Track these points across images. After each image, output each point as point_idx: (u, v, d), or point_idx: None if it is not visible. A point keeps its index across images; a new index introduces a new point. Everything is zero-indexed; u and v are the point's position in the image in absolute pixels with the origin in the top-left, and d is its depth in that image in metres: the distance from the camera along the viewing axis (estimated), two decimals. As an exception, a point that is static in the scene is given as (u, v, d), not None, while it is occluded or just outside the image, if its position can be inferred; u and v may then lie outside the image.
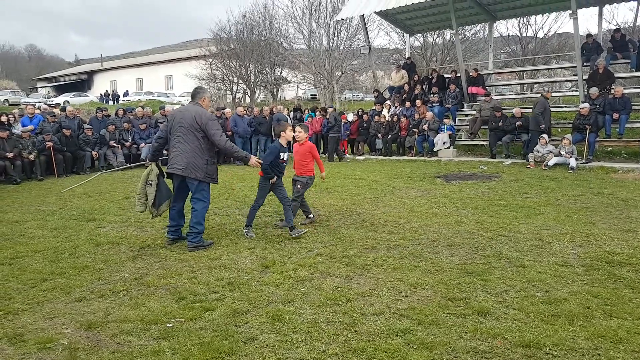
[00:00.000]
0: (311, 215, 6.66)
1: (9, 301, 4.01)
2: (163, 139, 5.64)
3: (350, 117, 16.35)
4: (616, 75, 13.72)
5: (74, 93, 43.73)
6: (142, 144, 13.86)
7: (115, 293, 4.19)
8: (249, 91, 35.34)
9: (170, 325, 3.50)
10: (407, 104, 15.63)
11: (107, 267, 4.91)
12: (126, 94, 43.97)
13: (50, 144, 11.94)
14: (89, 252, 5.41)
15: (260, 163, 5.63)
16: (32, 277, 4.59)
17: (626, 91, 12.64)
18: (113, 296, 4.12)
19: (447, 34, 27.48)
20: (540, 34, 29.77)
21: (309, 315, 3.62)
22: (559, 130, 13.77)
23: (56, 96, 43.02)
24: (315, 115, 16.04)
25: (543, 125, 11.71)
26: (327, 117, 14.84)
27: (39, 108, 15.09)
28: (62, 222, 6.96)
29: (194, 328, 3.44)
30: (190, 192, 5.53)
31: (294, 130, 6.35)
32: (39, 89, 56.88)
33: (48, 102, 31.81)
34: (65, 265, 4.97)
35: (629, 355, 2.92)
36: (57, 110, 14.89)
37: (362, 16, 18.10)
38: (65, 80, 57.91)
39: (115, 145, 13.58)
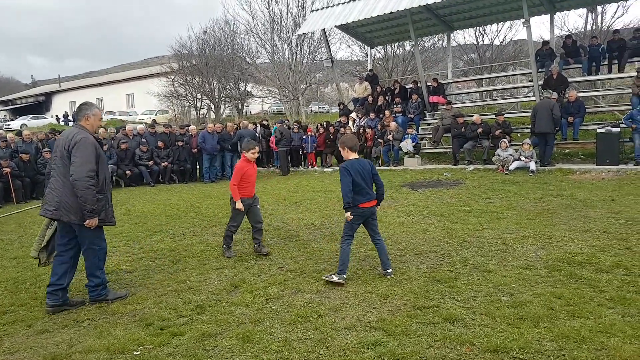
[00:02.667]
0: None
1: (-36, 338, 3.83)
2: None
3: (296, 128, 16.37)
4: (570, 79, 14.32)
5: (31, 115, 42.33)
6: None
7: (79, 322, 4.06)
8: (213, 107, 35.11)
9: (138, 353, 3.41)
10: (372, 115, 15.84)
11: (70, 295, 4.73)
12: (87, 114, 42.80)
13: (7, 170, 11.50)
14: (50, 281, 5.21)
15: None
16: (-11, 311, 4.39)
17: (579, 95, 13.21)
18: (77, 326, 3.99)
19: (407, 45, 28.11)
20: (497, 42, 30.85)
21: (280, 334, 3.59)
22: (518, 134, 14.22)
23: (13, 119, 41.56)
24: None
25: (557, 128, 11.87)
26: (274, 132, 14.96)
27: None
28: (21, 250, 6.69)
29: (162, 355, 3.36)
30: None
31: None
32: (-6, 112, 54.84)
33: (4, 127, 30.71)
34: (26, 296, 4.79)
35: (591, 354, 3.02)
36: (10, 135, 14.35)
37: (324, 30, 18.33)
38: (22, 103, 56.09)
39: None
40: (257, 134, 14.72)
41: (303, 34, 21.90)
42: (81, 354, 3.43)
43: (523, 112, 16.02)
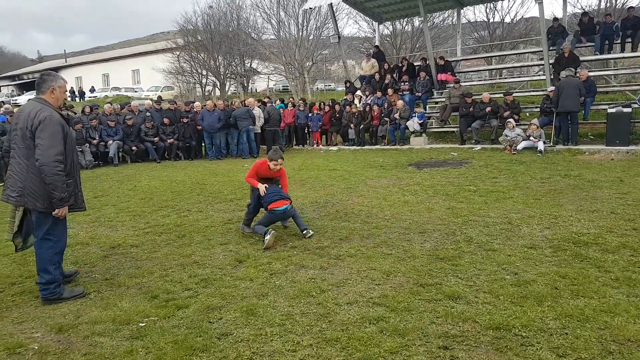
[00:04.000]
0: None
1: (-28, 308, 3.89)
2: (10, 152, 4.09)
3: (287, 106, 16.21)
4: (581, 58, 14.05)
5: (38, 90, 42.29)
6: (110, 141, 13.55)
7: (86, 294, 4.10)
8: (218, 84, 34.89)
9: (143, 324, 3.45)
10: (378, 93, 15.68)
11: (77, 268, 4.80)
12: (92, 90, 42.80)
13: (13, 144, 11.52)
14: (57, 254, 5.27)
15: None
16: (0, 282, 4.46)
17: (591, 74, 12.97)
18: (83, 298, 4.04)
19: (416, 21, 27.63)
20: (507, 19, 30.27)
21: (283, 307, 3.62)
22: (527, 114, 14.05)
23: (20, 94, 41.58)
24: (286, 107, 15.95)
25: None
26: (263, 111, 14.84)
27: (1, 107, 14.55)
28: (28, 224, 6.75)
29: (167, 326, 3.40)
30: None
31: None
32: (1, 87, 54.88)
33: (11, 102, 30.76)
34: (34, 268, 4.79)
35: (595, 334, 3.02)
36: (17, 110, 14.36)
37: (331, 5, 18.02)
38: (28, 78, 55.97)
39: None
40: (256, 113, 14.54)
41: (310, 8, 21.57)
42: (88, 325, 3.48)
43: (533, 91, 15.80)
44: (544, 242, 4.89)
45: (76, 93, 40.71)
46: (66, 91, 4.12)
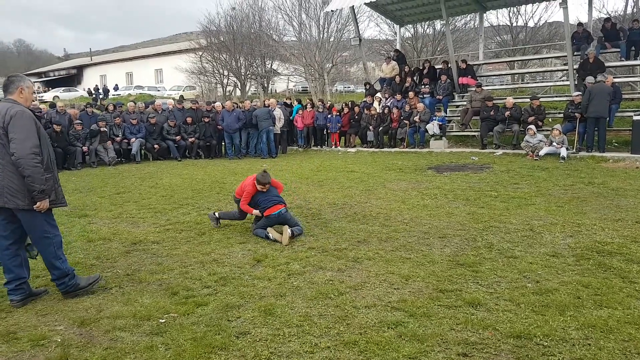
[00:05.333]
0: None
1: (1, 299, 3.98)
2: None
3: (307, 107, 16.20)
4: (606, 64, 13.78)
5: (63, 88, 43.28)
6: (133, 139, 13.76)
7: (108, 289, 4.17)
8: (239, 84, 35.15)
9: (163, 320, 3.50)
10: (398, 95, 15.61)
11: (99, 263, 4.89)
12: (116, 88, 43.56)
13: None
14: (81, 249, 5.38)
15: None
16: (22, 275, 4.55)
17: (616, 80, 12.71)
18: (105, 292, 4.11)
19: (438, 24, 27.44)
20: (531, 24, 29.83)
21: (301, 308, 3.63)
22: (550, 120, 13.83)
23: (46, 91, 42.51)
24: (306, 108, 15.98)
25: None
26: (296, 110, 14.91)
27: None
28: (55, 217, 6.89)
29: (187, 323, 3.44)
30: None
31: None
32: (28, 83, 56.00)
33: (37, 98, 31.46)
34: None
35: (619, 345, 2.96)
36: (43, 106, 14.69)
37: (352, 7, 18.00)
38: (54, 75, 57.21)
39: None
40: (276, 114, 14.63)
41: (331, 11, 21.60)
42: (109, 319, 3.54)
43: (556, 96, 15.54)
44: (567, 250, 4.80)
45: (100, 91, 41.43)
46: (34, 92, 4.10)
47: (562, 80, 17.01)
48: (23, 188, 3.73)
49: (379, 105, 15.95)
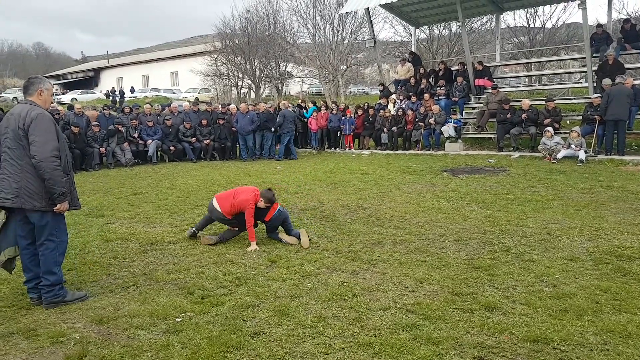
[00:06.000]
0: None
1: (22, 296, 4.07)
2: None
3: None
4: (626, 66, 13.55)
5: (81, 90, 43.96)
6: (149, 141, 13.93)
7: (125, 288, 4.23)
8: (254, 86, 35.34)
9: (179, 319, 3.54)
10: (413, 97, 15.54)
11: (116, 262, 4.96)
12: (132, 90, 44.11)
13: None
14: (98, 248, 5.46)
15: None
16: (42, 273, 4.64)
17: (636, 82, 12.49)
18: (123, 291, 4.17)
19: (454, 25, 27.24)
20: (549, 25, 29.45)
21: (315, 310, 3.64)
22: (568, 122, 13.65)
23: (64, 93, 43.23)
24: (320, 110, 16.01)
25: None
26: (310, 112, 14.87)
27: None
28: (71, 218, 6.99)
29: (203, 322, 3.47)
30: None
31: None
32: (47, 86, 57.03)
33: (56, 100, 32.03)
34: (76, 261, 5.03)
35: (638, 351, 2.91)
36: (61, 108, 14.96)
37: (367, 9, 17.98)
38: (72, 78, 58.21)
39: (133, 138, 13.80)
40: (295, 115, 14.75)
41: (346, 13, 21.61)
42: (126, 318, 3.59)
43: (574, 98, 15.34)
44: (585, 254, 4.74)
45: (117, 93, 41.98)
46: (53, 94, 4.05)
47: (581, 82, 16.76)
48: (41, 190, 3.74)
49: (394, 107, 15.91)
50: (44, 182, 3.71)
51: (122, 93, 42.20)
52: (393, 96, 16.75)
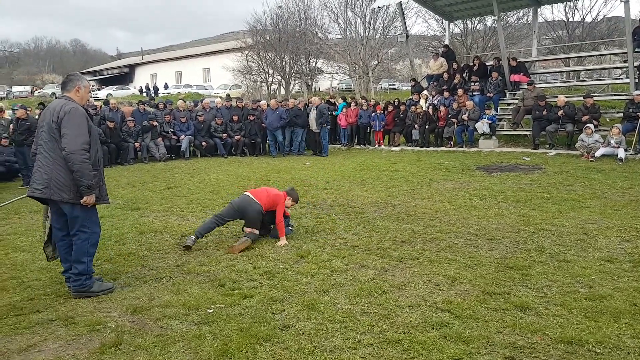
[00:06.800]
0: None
1: (60, 285, 4.23)
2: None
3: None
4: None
5: (116, 86, 45.20)
6: (182, 136, 14.21)
7: (159, 279, 4.34)
8: (284, 82, 35.51)
9: (211, 310, 3.61)
10: (446, 93, 15.30)
11: (150, 254, 5.09)
12: (166, 86, 45.05)
13: (96, 136, 12.39)
14: (133, 240, 5.62)
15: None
16: (80, 263, 4.81)
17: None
18: (156, 282, 4.28)
19: (489, 20, 26.65)
20: (588, 19, 28.42)
21: (344, 305, 3.64)
22: (607, 119, 13.17)
23: (100, 89, 44.53)
24: (350, 106, 15.95)
25: None
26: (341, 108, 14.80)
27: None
28: (107, 210, 7.22)
29: (233, 314, 3.53)
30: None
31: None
32: (84, 82, 58.81)
33: (92, 96, 32.99)
34: (112, 252, 5.19)
35: (678, 355, 2.80)
36: (98, 103, 15.43)
37: (400, 3, 17.81)
38: (108, 74, 59.88)
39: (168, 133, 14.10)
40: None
41: (378, 7, 21.44)
42: (160, 308, 3.69)
43: (614, 95, 14.78)
44: (623, 255, 4.57)
45: (151, 89, 42.97)
46: (90, 92, 4.17)
47: (622, 78, 16.14)
48: (70, 182, 3.83)
49: (426, 103, 15.70)
50: (73, 174, 3.80)
51: (156, 89, 43.17)
52: (425, 92, 16.54)
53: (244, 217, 5.48)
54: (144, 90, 43.47)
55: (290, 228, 5.74)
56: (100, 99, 28.55)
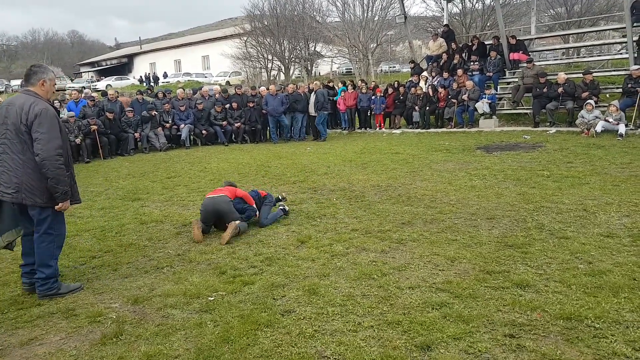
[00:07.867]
0: None
1: (61, 278, 4.24)
2: None
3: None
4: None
5: (115, 76, 45.01)
6: (182, 125, 14.17)
7: (159, 269, 4.37)
8: (283, 68, 35.27)
9: (212, 298, 3.63)
10: (445, 74, 15.16)
11: (151, 244, 5.12)
12: (165, 75, 44.83)
13: (94, 127, 12.39)
14: (134, 230, 5.64)
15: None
16: (81, 255, 4.85)
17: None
18: (157, 272, 4.30)
19: (487, -2, 26.32)
20: (587, -6, 28.05)
21: (344, 288, 3.67)
22: (607, 95, 13.06)
23: (99, 80, 44.36)
24: (347, 90, 15.83)
25: None
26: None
27: (82, 92, 15.61)
28: (108, 202, 7.26)
29: (234, 301, 3.56)
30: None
31: None
32: (83, 73, 58.81)
33: (91, 87, 32.91)
34: (112, 243, 5.22)
35: (677, 328, 2.81)
36: (95, 94, 15.36)
37: (397, -16, 17.56)
38: (106, 64, 59.56)
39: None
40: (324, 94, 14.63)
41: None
42: (161, 297, 3.71)
43: (613, 70, 14.62)
44: (622, 230, 4.57)
45: (150, 79, 42.75)
46: (55, 84, 4.00)
47: (621, 54, 15.96)
48: (41, 186, 3.67)
49: (425, 84, 15.57)
50: (47, 180, 3.65)
51: (155, 78, 42.96)
52: (425, 73, 16.40)
53: (219, 214, 5.31)
54: (144, 79, 43.26)
55: (282, 207, 5.89)
56: (100, 90, 28.47)
